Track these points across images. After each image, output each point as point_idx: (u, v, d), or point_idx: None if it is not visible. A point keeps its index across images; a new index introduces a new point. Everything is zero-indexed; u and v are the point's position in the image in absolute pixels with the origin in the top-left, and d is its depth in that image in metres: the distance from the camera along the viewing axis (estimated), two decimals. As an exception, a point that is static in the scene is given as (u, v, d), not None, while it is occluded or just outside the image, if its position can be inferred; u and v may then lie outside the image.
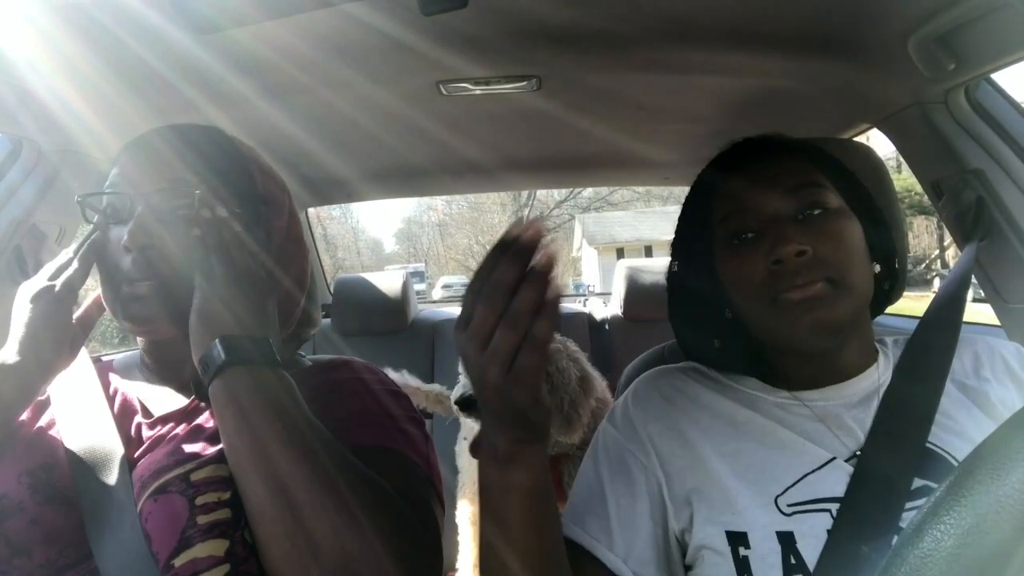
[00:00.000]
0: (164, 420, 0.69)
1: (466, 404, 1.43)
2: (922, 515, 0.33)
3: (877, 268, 0.71)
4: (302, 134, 1.42)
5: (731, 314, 0.74)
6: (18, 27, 0.84)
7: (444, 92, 1.24)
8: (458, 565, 1.77)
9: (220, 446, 0.62)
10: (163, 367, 0.75)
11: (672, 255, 0.81)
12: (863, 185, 0.74)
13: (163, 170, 0.69)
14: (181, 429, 0.68)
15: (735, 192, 0.71)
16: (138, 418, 0.70)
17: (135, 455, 0.66)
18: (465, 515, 1.79)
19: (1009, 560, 0.31)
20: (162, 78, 1.02)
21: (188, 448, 0.64)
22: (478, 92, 1.25)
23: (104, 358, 0.80)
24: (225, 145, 0.77)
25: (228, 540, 0.57)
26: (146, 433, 0.69)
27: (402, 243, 31.23)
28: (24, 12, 0.82)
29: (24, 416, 0.68)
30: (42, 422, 0.68)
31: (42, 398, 0.70)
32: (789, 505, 0.62)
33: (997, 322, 1.11)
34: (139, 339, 0.76)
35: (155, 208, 0.68)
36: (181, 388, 0.74)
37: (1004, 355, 0.72)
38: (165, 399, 0.73)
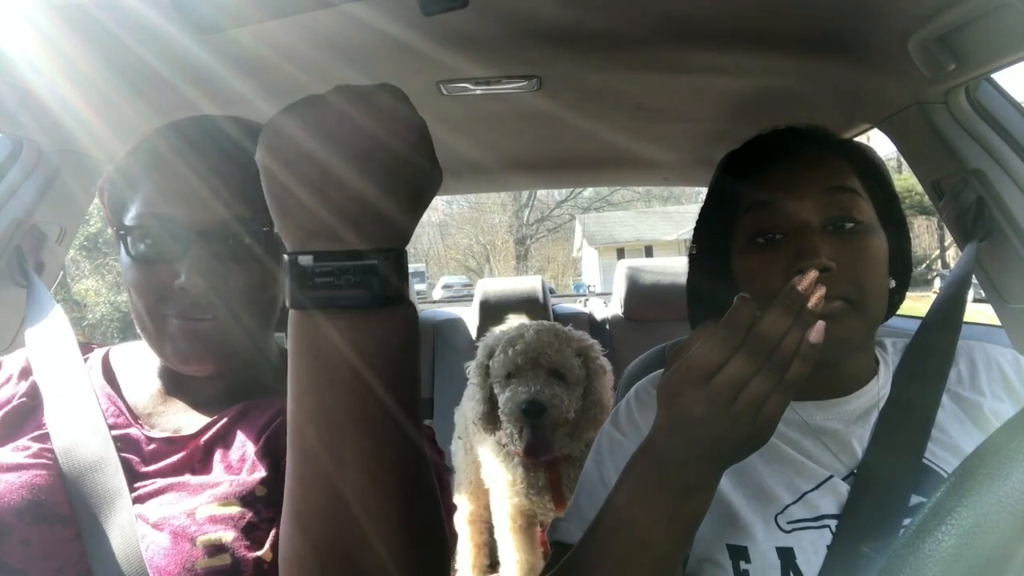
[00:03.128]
0: (170, 442, 0.67)
1: (534, 410, 1.36)
2: (923, 515, 0.33)
3: (892, 283, 0.70)
4: (302, 134, 1.42)
5: None
6: (18, 27, 0.84)
7: (444, 92, 1.24)
8: (457, 565, 1.76)
9: (231, 483, 0.61)
10: (179, 382, 0.72)
11: (694, 237, 0.79)
12: (896, 196, 0.72)
13: (214, 196, 0.67)
14: (199, 458, 0.66)
15: (767, 185, 0.69)
16: (137, 432, 0.67)
17: (137, 470, 0.63)
18: (463, 515, 1.78)
19: (1010, 560, 0.31)
20: (162, 78, 1.02)
21: (200, 480, 0.62)
22: (479, 92, 1.25)
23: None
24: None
25: (231, 556, 0.56)
26: (148, 448, 0.66)
27: (402, 243, 31.12)
28: (24, 12, 0.81)
29: (14, 426, 0.65)
30: (31, 432, 0.65)
31: (31, 404, 0.68)
32: (789, 523, 0.62)
33: (997, 322, 1.11)
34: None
35: (210, 246, 0.66)
36: (195, 405, 0.71)
37: (1002, 365, 0.71)
38: (175, 414, 0.70)
